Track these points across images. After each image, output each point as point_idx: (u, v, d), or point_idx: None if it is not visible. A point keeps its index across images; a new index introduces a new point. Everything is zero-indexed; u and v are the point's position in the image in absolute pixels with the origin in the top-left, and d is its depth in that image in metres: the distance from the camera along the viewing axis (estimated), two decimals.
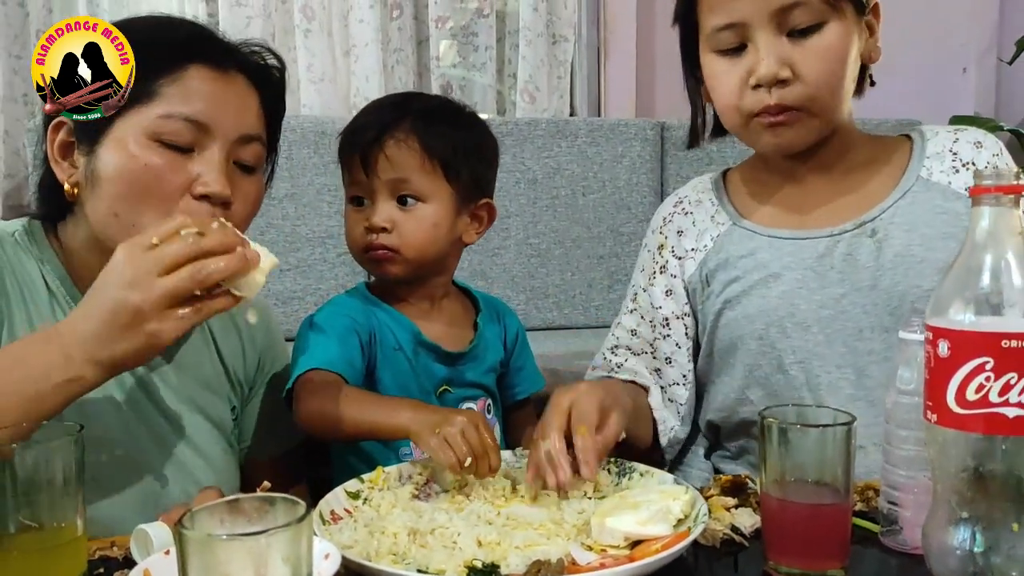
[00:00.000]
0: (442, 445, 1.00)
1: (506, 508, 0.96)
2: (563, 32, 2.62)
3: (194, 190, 1.01)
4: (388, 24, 2.51)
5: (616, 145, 2.43)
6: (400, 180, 1.25)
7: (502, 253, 2.39)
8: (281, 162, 2.19)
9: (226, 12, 2.43)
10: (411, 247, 1.26)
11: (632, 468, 1.04)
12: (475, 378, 1.33)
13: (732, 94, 1.11)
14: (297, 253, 2.27)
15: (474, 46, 2.62)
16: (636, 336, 1.29)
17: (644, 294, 1.29)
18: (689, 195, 1.29)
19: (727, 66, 1.11)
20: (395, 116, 1.26)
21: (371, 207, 1.26)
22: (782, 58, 1.07)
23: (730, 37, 1.10)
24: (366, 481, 1.01)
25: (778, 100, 1.08)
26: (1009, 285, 0.71)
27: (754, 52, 1.08)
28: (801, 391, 1.16)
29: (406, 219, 1.26)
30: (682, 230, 1.27)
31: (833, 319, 1.15)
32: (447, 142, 1.26)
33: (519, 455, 1.10)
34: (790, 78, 1.07)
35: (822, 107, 1.10)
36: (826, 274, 1.15)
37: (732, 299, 1.19)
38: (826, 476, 0.81)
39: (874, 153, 1.21)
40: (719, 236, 1.23)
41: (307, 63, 2.49)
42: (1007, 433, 0.70)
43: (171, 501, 1.07)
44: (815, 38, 1.07)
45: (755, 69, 1.08)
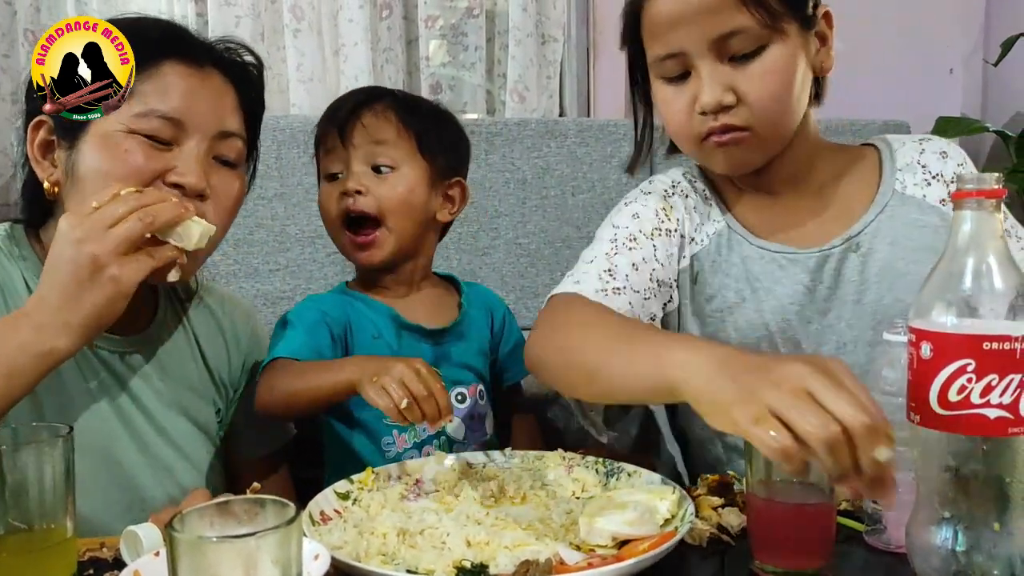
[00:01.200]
0: (379, 392, 1.02)
1: (495, 508, 0.97)
2: (552, 32, 2.62)
3: (167, 178, 1.02)
4: (378, 24, 2.50)
5: (605, 145, 2.43)
6: (376, 143, 1.30)
7: (491, 253, 2.39)
8: (270, 161, 2.26)
9: (215, 12, 2.41)
10: (389, 212, 1.29)
11: (620, 468, 1.05)
12: (464, 359, 1.35)
13: (681, 120, 1.10)
14: (286, 253, 2.26)
15: (463, 46, 2.62)
16: (637, 271, 1.14)
17: (647, 240, 1.16)
18: (681, 182, 1.23)
19: (673, 93, 1.10)
20: (374, 95, 1.32)
21: (346, 177, 1.30)
22: (724, 84, 1.06)
23: (673, 66, 1.09)
24: (356, 482, 1.02)
25: (723, 123, 1.07)
26: (990, 288, 0.72)
27: (697, 79, 1.07)
28: None
29: (381, 183, 1.29)
30: (687, 209, 1.20)
31: (820, 333, 1.16)
32: (423, 120, 1.32)
33: (508, 455, 1.11)
34: (734, 103, 1.06)
35: (770, 127, 1.09)
36: (816, 289, 1.16)
37: (723, 310, 1.17)
38: (811, 476, 0.81)
39: (843, 164, 1.21)
40: (715, 234, 1.19)
41: (296, 63, 2.48)
42: (988, 434, 0.71)
43: (154, 502, 1.08)
44: (756, 62, 1.06)
45: (699, 96, 1.07)
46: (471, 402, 1.34)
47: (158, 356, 1.16)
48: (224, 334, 1.26)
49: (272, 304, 2.26)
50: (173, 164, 1.03)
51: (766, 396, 0.67)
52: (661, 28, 1.08)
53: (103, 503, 1.06)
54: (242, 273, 2.24)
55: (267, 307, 2.24)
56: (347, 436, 1.30)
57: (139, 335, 1.15)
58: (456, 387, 1.32)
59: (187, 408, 1.17)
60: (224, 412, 1.24)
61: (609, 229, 1.18)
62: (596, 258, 1.14)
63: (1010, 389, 0.71)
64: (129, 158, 1.01)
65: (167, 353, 1.17)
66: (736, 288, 1.17)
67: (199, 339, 1.22)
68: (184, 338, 1.20)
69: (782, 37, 1.06)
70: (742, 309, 1.16)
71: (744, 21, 1.04)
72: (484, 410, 1.36)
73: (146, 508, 1.05)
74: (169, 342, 1.18)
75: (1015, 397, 0.71)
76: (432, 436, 1.29)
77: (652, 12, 1.09)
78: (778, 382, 0.68)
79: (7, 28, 2.30)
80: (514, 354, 1.44)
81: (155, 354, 1.16)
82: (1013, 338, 0.70)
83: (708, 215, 1.20)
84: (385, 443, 1.27)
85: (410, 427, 1.27)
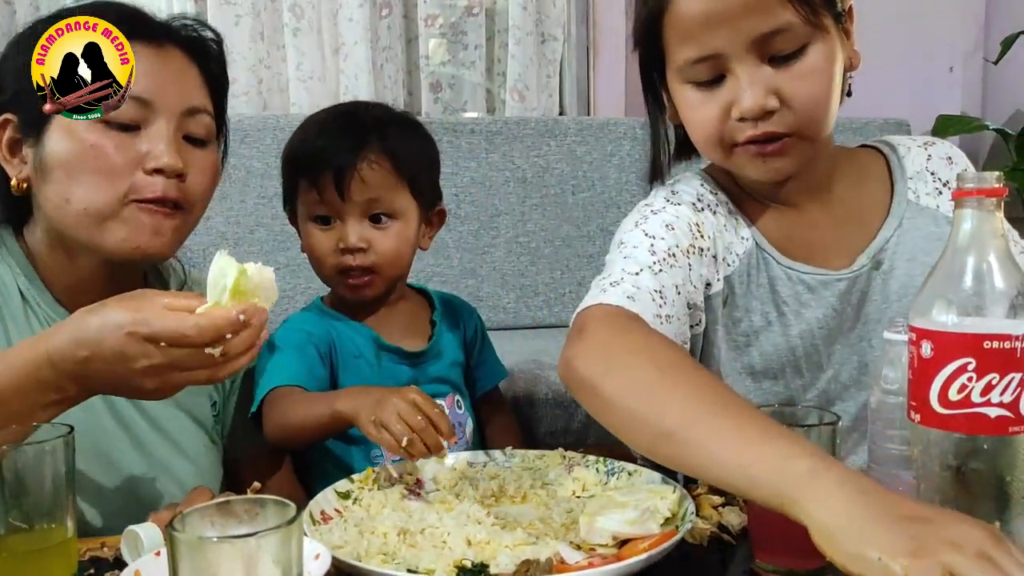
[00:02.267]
0: (379, 429, 1.03)
1: (495, 508, 0.97)
2: (552, 31, 2.62)
3: (145, 165, 1.02)
4: (377, 22, 2.51)
5: (605, 144, 2.43)
6: (374, 200, 1.27)
7: (492, 251, 2.39)
8: (270, 160, 2.27)
9: (215, 10, 2.42)
10: (387, 264, 1.29)
11: (620, 467, 1.05)
12: (440, 374, 1.35)
13: (711, 127, 1.01)
14: (287, 252, 2.25)
15: (463, 44, 2.62)
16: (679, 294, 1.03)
17: (684, 258, 1.05)
18: (706, 196, 1.11)
19: (703, 98, 1.01)
20: (361, 136, 1.27)
21: (340, 226, 1.28)
22: (767, 88, 0.97)
23: (706, 70, 1.00)
24: (356, 481, 1.01)
25: (765, 130, 0.99)
26: (991, 287, 0.72)
27: (735, 83, 0.98)
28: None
29: (380, 237, 1.28)
30: (716, 228, 1.09)
31: (842, 353, 1.13)
32: (412, 158, 1.30)
33: (508, 455, 1.11)
34: (777, 107, 0.98)
35: (812, 132, 1.01)
36: (844, 311, 1.11)
37: (751, 334, 1.11)
38: None
39: (856, 172, 1.16)
40: (745, 253, 1.10)
41: (296, 62, 2.48)
42: (989, 433, 0.71)
43: (152, 500, 1.07)
44: (800, 62, 0.98)
45: (738, 101, 0.98)
46: (449, 412, 1.34)
47: None
48: None
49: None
50: (144, 149, 1.02)
51: (945, 555, 0.62)
52: (693, 29, 0.99)
53: (98, 501, 1.05)
54: None
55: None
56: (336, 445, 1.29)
57: None
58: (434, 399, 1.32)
59: (182, 403, 1.16)
60: (221, 406, 1.24)
61: (641, 236, 1.05)
62: (642, 271, 1.01)
63: (1011, 388, 0.70)
64: (99, 151, 1.00)
65: None
66: (763, 311, 1.10)
67: None
68: None
69: (823, 34, 0.99)
70: (768, 333, 1.10)
71: (788, 18, 0.96)
72: (463, 418, 1.36)
73: (143, 506, 1.04)
74: None
75: (1016, 396, 0.71)
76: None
77: (681, 12, 0.99)
78: (958, 543, 0.63)
79: (7, 28, 2.31)
80: (485, 363, 1.45)
81: None
82: (1014, 337, 0.70)
83: (736, 231, 1.10)
84: (373, 455, 1.27)
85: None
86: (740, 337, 1.11)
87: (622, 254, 1.04)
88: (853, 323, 1.11)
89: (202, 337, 0.82)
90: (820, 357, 1.11)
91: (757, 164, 1.02)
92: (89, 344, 0.83)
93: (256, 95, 2.49)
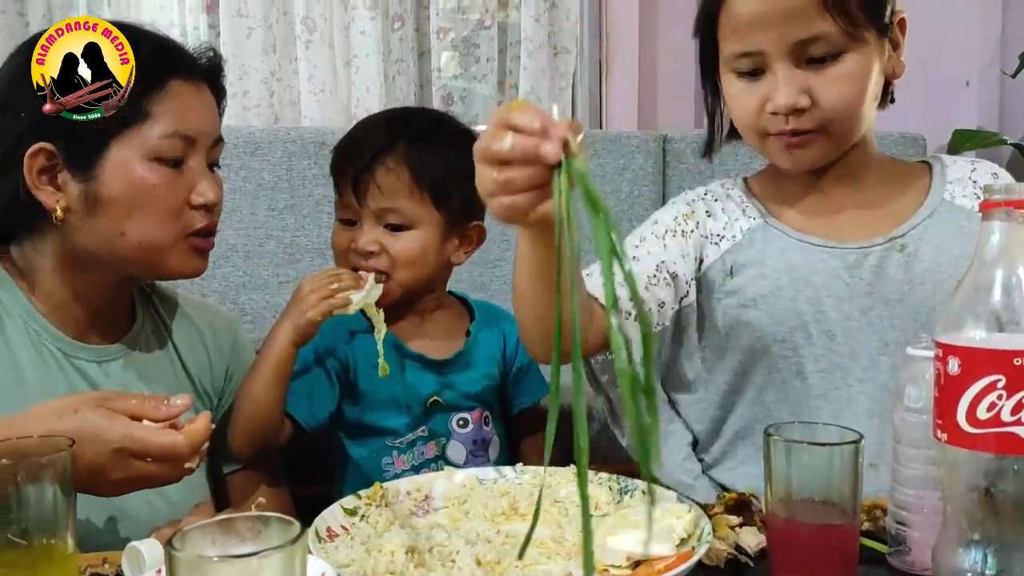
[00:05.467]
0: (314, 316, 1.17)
1: (506, 526, 0.94)
2: (565, 44, 2.61)
3: (193, 201, 1.07)
4: (389, 35, 2.50)
5: (618, 157, 2.40)
6: (388, 209, 1.26)
7: (502, 264, 2.36)
8: (280, 173, 2.26)
9: (227, 23, 2.42)
10: (401, 269, 1.27)
11: (634, 485, 1.02)
12: (467, 387, 1.33)
13: (749, 116, 1.13)
14: (297, 264, 2.23)
15: (475, 57, 2.62)
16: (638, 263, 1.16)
17: (657, 240, 1.21)
18: (715, 189, 1.27)
19: (744, 89, 1.13)
20: (388, 140, 1.27)
21: (359, 229, 1.27)
22: (800, 87, 1.08)
23: (748, 63, 1.11)
24: (363, 497, 0.99)
25: (794, 126, 1.10)
26: (1021, 301, 0.70)
27: (772, 79, 1.09)
28: (818, 401, 1.16)
29: (394, 243, 1.27)
30: (711, 212, 1.23)
31: (858, 331, 1.15)
32: (438, 167, 1.27)
33: (519, 471, 1.09)
34: (807, 106, 1.08)
35: (840, 129, 1.12)
36: (855, 285, 1.15)
37: (758, 297, 1.17)
38: (833, 495, 0.79)
39: (893, 173, 1.22)
40: (749, 230, 1.20)
41: (308, 74, 2.48)
42: (1019, 453, 0.69)
43: (136, 515, 1.06)
44: (834, 67, 1.08)
45: (773, 97, 1.09)
46: (474, 427, 1.33)
47: (137, 364, 1.15)
48: (204, 341, 1.25)
49: None
50: (190, 183, 1.07)
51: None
52: (740, 27, 1.10)
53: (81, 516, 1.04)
54: (252, 285, 2.22)
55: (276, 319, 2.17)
56: (352, 453, 1.30)
57: (117, 343, 1.15)
58: (458, 413, 1.32)
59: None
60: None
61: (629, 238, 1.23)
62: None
63: None
64: (158, 191, 1.04)
65: (146, 361, 1.17)
66: (774, 277, 1.17)
67: (178, 346, 1.22)
68: (163, 345, 1.20)
69: (860, 45, 1.08)
70: (777, 297, 1.16)
71: (826, 27, 1.06)
72: (489, 436, 1.34)
73: (127, 521, 1.05)
74: (148, 350, 1.18)
75: None
76: (430, 459, 1.29)
77: (733, 9, 1.11)
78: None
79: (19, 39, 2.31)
80: (525, 379, 1.42)
81: (134, 362, 1.15)
82: None
83: (743, 213, 1.22)
84: (385, 463, 1.27)
85: (408, 450, 1.28)
86: (749, 302, 1.18)
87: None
88: (868, 299, 1.14)
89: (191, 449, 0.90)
90: (829, 324, 1.15)
91: (784, 155, 1.13)
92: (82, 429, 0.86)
93: (267, 108, 2.48)
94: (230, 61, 2.42)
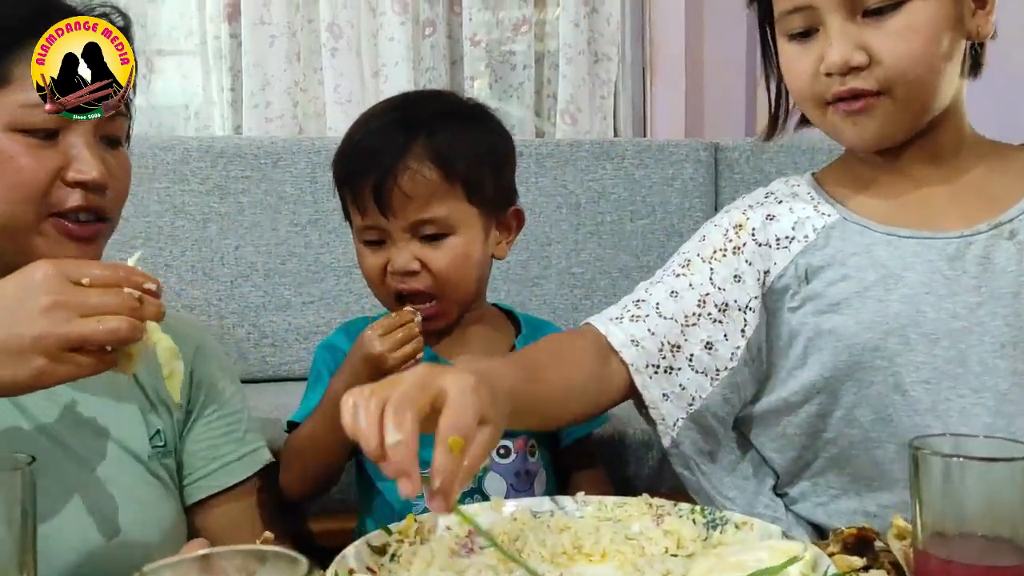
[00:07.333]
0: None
1: (569, 568, 0.81)
2: (606, 50, 2.56)
3: (66, 176, 0.98)
4: (420, 42, 2.46)
5: (666, 167, 2.30)
6: (422, 221, 1.13)
7: (542, 283, 2.25)
8: (304, 186, 2.14)
9: (249, 30, 2.38)
10: (448, 286, 1.15)
11: (724, 518, 0.87)
12: None
13: (803, 82, 1.03)
14: (320, 284, 2.14)
15: (511, 64, 2.57)
16: (675, 299, 1.08)
17: (702, 264, 1.10)
18: (780, 188, 1.14)
19: (798, 51, 1.03)
20: (404, 136, 1.13)
21: (391, 247, 1.14)
22: (855, 42, 0.98)
23: (799, 20, 1.02)
24: (394, 532, 0.84)
25: (851, 87, 0.99)
26: None
27: (824, 36, 1.00)
28: (925, 416, 1.01)
29: (434, 256, 1.14)
30: (773, 215, 1.10)
31: (968, 332, 1.01)
32: (466, 155, 1.14)
33: (581, 502, 0.93)
34: (864, 63, 0.98)
35: (906, 93, 0.99)
36: (958, 279, 1.01)
37: (841, 301, 1.04)
38: (1003, 528, 0.64)
39: (994, 157, 1.09)
40: (824, 228, 1.07)
41: (334, 84, 2.43)
42: None
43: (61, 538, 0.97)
44: (894, 18, 0.97)
45: (825, 55, 0.99)
46: (517, 457, 1.19)
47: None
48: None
49: (304, 339, 2.13)
50: (65, 157, 0.98)
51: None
52: None
53: None
54: (272, 306, 2.12)
55: (299, 343, 2.12)
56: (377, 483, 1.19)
57: None
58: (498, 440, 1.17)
59: (108, 428, 1.04)
60: (168, 435, 1.11)
61: (675, 256, 1.14)
62: (638, 288, 1.12)
63: None
64: (17, 164, 0.96)
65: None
66: (858, 276, 1.05)
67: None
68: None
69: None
70: (864, 299, 1.04)
71: None
72: (534, 468, 1.21)
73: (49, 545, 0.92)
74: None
75: None
76: (466, 493, 1.14)
77: None
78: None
79: None
80: None
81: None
82: None
83: (815, 209, 1.10)
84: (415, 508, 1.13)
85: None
86: (831, 307, 1.06)
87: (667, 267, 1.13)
88: (977, 295, 1.02)
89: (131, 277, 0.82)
90: (931, 326, 1.02)
91: (848, 126, 1.02)
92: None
93: (291, 119, 2.43)
94: (252, 71, 2.38)
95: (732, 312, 1.07)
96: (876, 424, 1.05)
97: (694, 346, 1.07)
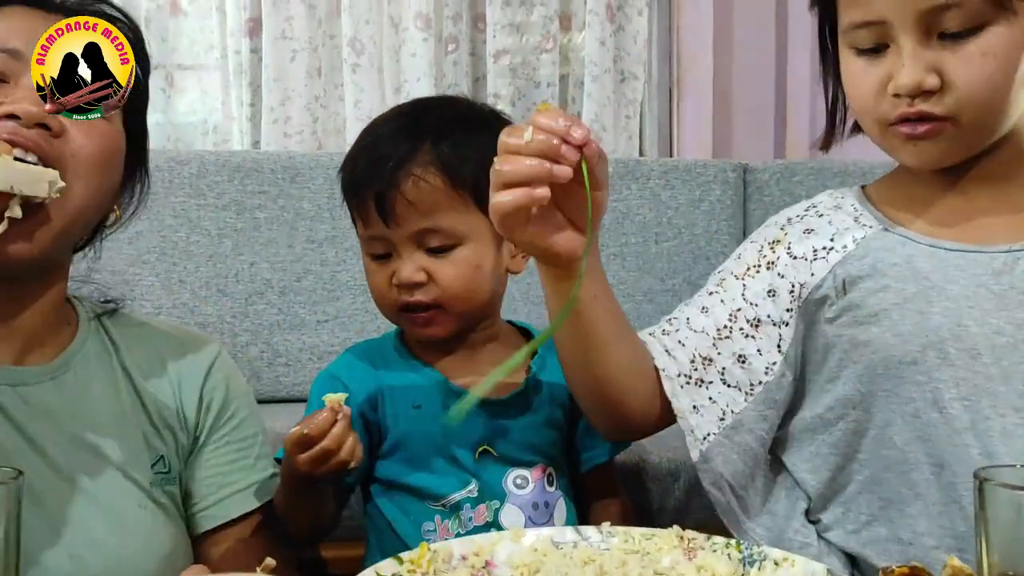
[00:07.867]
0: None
1: None
2: (633, 69, 2.53)
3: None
4: (443, 59, 2.43)
5: (693, 188, 2.26)
6: (427, 230, 1.08)
7: None
8: (321, 202, 2.09)
9: (269, 45, 2.36)
10: (454, 298, 1.11)
11: (763, 554, 0.81)
12: (527, 435, 1.15)
13: (867, 99, 1.00)
14: (336, 303, 2.10)
15: (535, 82, 2.53)
16: (706, 314, 1.07)
17: (735, 282, 1.10)
18: (824, 200, 1.11)
19: (864, 67, 1.00)
20: (408, 142, 1.10)
21: (396, 260, 1.10)
22: (929, 65, 0.94)
23: (868, 36, 0.98)
24: (406, 562, 0.79)
25: (919, 110, 0.95)
26: None
27: (896, 55, 0.96)
28: (963, 435, 0.98)
29: (441, 267, 1.10)
30: (812, 229, 1.08)
31: (1013, 348, 0.97)
32: (474, 160, 1.09)
33: (606, 533, 0.87)
34: (936, 87, 0.94)
35: (974, 119, 0.96)
36: (1005, 293, 0.98)
37: (879, 312, 1.00)
38: None
39: None
40: (865, 239, 1.05)
41: (354, 99, 2.40)
42: None
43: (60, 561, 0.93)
44: (973, 43, 0.94)
45: (895, 75, 0.96)
46: (535, 487, 1.14)
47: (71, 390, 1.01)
48: (166, 366, 1.09)
49: (319, 359, 2.09)
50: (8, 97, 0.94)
51: None
52: None
53: None
54: (286, 324, 2.09)
55: (313, 362, 2.08)
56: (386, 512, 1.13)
57: (46, 364, 1.01)
58: (515, 469, 1.14)
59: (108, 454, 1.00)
60: (173, 461, 1.07)
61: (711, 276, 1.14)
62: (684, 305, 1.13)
63: None
64: None
65: (84, 387, 1.02)
66: (897, 287, 1.01)
67: (131, 374, 1.07)
68: (108, 372, 1.06)
69: (1006, 16, 0.93)
70: (903, 311, 1.00)
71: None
72: (554, 498, 1.15)
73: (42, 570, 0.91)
74: (88, 373, 1.03)
75: None
76: (481, 527, 1.10)
77: None
78: None
79: None
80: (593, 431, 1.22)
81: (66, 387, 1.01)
82: None
83: (855, 221, 1.08)
84: (426, 529, 1.10)
85: (453, 514, 1.11)
86: (869, 319, 1.03)
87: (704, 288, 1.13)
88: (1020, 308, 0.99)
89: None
90: (972, 340, 0.98)
91: (908, 149, 1.00)
92: None
93: (310, 135, 2.40)
94: (272, 86, 2.36)
95: (766, 327, 1.06)
96: (912, 443, 1.01)
97: (726, 359, 1.05)
